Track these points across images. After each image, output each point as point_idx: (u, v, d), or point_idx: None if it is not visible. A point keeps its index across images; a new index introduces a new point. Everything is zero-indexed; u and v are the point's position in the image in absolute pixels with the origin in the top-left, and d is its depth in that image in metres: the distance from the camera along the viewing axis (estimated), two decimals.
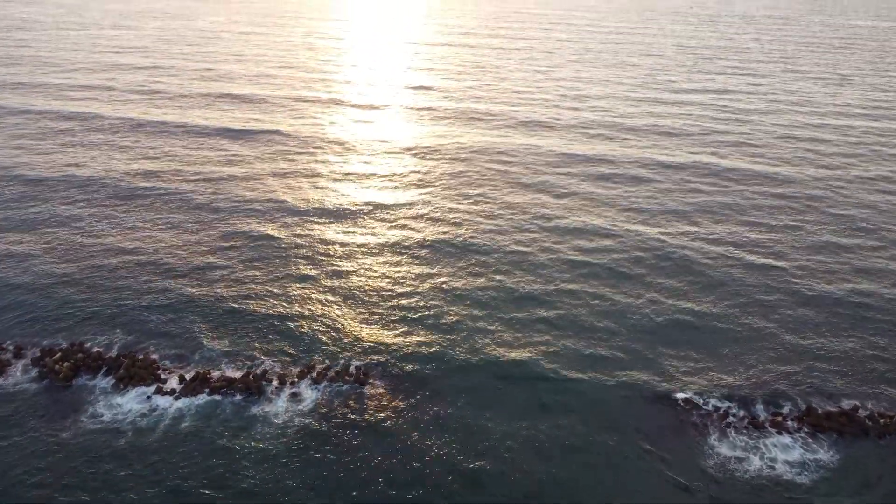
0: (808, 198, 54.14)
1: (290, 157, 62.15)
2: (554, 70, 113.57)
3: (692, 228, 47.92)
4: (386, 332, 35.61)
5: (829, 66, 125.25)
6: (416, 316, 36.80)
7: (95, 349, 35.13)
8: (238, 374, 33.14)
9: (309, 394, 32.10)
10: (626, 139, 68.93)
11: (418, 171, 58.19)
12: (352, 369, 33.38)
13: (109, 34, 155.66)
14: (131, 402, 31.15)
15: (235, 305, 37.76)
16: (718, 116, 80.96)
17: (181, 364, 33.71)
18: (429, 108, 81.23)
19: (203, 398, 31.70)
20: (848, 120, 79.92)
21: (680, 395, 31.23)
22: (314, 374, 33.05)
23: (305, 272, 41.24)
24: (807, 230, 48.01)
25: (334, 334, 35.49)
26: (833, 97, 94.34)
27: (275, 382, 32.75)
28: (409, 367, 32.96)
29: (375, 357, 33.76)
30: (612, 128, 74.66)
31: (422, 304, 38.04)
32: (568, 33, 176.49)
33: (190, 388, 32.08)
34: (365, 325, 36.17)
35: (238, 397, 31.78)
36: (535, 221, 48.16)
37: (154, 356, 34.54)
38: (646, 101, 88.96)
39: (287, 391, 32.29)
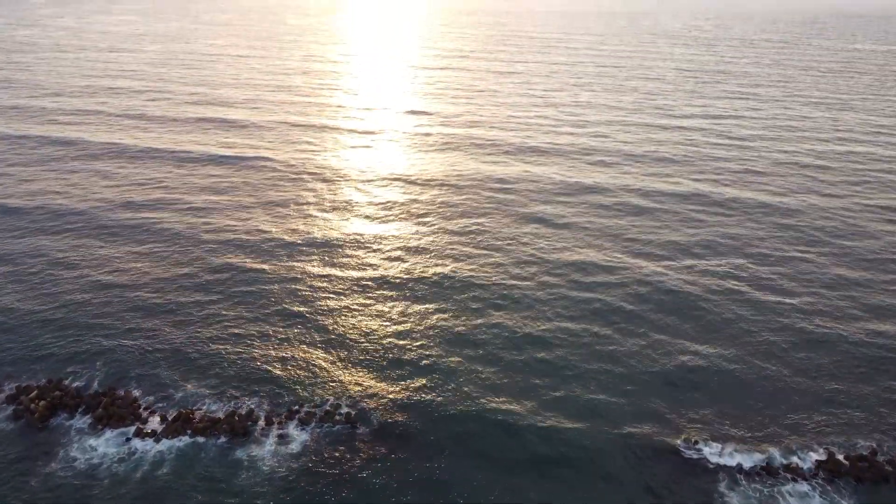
0: (813, 228, 52.77)
1: (281, 185, 60.80)
2: (552, 94, 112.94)
3: (695, 262, 46.44)
4: (377, 373, 34.02)
5: (829, 90, 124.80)
6: (408, 356, 35.20)
7: (76, 384, 33.56)
8: (223, 415, 31.49)
9: (297, 435, 30.43)
10: (625, 167, 67.74)
11: (412, 201, 56.75)
12: (341, 410, 31.72)
13: (107, 57, 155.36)
14: (109, 444, 29.45)
15: (221, 342, 36.18)
16: (719, 142, 79.94)
17: (164, 402, 32.08)
18: (425, 134, 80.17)
19: (185, 440, 30.03)
20: (851, 146, 78.90)
21: (686, 445, 29.54)
22: (302, 415, 31.39)
23: (293, 308, 39.70)
24: (814, 263, 46.54)
25: (323, 373, 33.88)
26: (835, 122, 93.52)
27: (261, 423, 31.09)
28: (400, 411, 31.33)
29: (366, 398, 32.14)
30: (612, 154, 73.55)
31: (415, 343, 36.48)
32: (566, 56, 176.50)
33: (172, 430, 30.41)
34: (355, 365, 34.58)
35: (222, 439, 30.10)
36: (533, 254, 46.70)
37: (136, 393, 32.93)
38: (645, 127, 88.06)
39: (274, 432, 30.62)
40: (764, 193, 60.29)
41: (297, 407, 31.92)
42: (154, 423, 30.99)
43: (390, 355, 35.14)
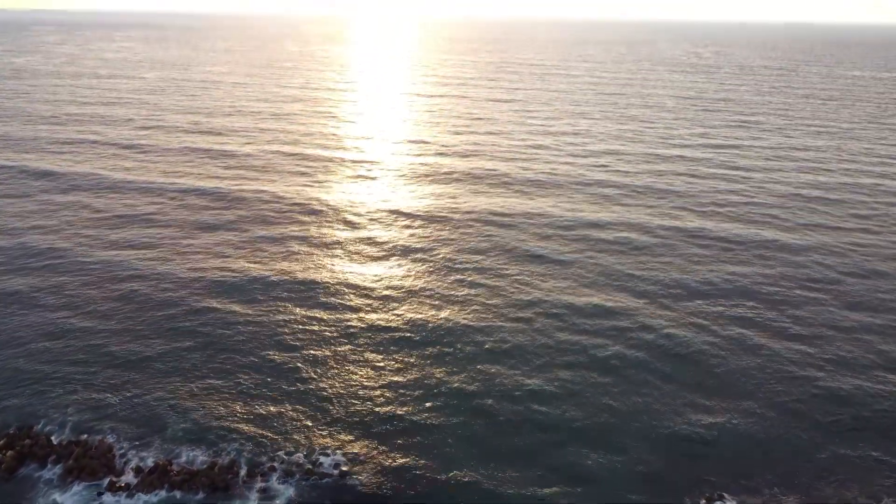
0: (823, 266, 51.13)
1: (270, 219, 59.30)
2: (551, 123, 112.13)
3: (701, 305, 44.72)
4: (364, 426, 32.19)
5: (831, 118, 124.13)
6: (397, 410, 33.34)
7: (48, 428, 31.81)
8: (202, 466, 29.62)
9: (282, 490, 28.52)
10: (626, 200, 66.34)
11: (405, 237, 55.14)
12: (327, 463, 29.84)
13: (105, 84, 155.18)
14: (78, 500, 27.54)
15: (201, 389, 34.38)
16: (721, 173, 78.70)
17: (140, 449, 30.22)
18: (421, 164, 78.96)
19: (161, 495, 28.10)
20: (857, 177, 77.62)
21: None
22: (286, 468, 29.51)
23: (277, 355, 37.95)
24: (827, 306, 44.77)
25: (308, 424, 32.05)
26: (838, 151, 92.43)
27: (243, 474, 29.21)
28: (387, 468, 29.44)
29: (353, 452, 30.26)
30: (611, 186, 72.23)
31: (404, 396, 34.68)
32: (566, 83, 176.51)
33: (147, 483, 28.49)
34: (342, 417, 32.74)
35: (201, 494, 28.19)
36: (530, 296, 44.99)
37: (110, 439, 31.07)
38: (645, 157, 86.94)
39: (257, 486, 28.71)
40: (770, 228, 58.74)
41: (281, 459, 30.05)
42: (129, 475, 29.09)
43: (379, 408, 33.33)
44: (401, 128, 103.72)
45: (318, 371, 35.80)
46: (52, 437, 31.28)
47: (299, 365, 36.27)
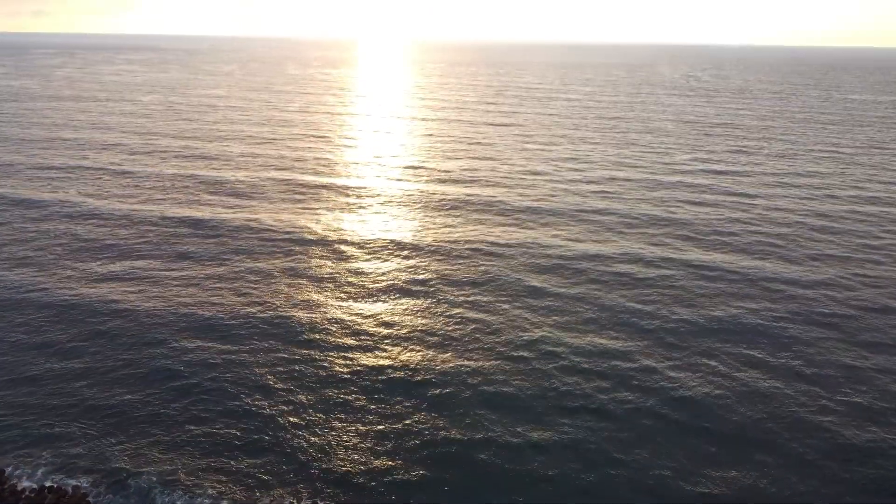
0: (835, 302, 48.91)
1: (258, 252, 57.24)
2: (549, 148, 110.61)
3: (710, 347, 42.45)
4: (350, 484, 29.82)
5: (833, 142, 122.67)
6: (386, 464, 31.00)
7: (17, 473, 29.62)
8: None
9: None
10: (627, 230, 64.26)
11: (398, 271, 52.93)
12: None
13: (102, 108, 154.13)
14: None
15: (180, 435, 32.05)
16: (724, 201, 76.81)
17: (116, 494, 27.97)
18: (417, 192, 77.08)
19: None
20: (863, 205, 75.67)
21: None
22: None
23: (258, 402, 35.65)
24: (842, 347, 42.51)
25: (292, 476, 29.68)
26: (842, 177, 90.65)
27: None
28: None
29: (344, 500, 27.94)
30: (612, 214, 70.31)
31: (394, 448, 32.34)
32: (565, 107, 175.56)
33: None
34: (329, 469, 30.37)
35: None
36: (529, 337, 42.66)
37: (84, 485, 28.79)
38: (646, 183, 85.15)
39: None
40: (775, 260, 56.60)
41: None
42: None
43: (366, 461, 30.96)
44: (396, 153, 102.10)
45: (301, 420, 33.46)
46: (23, 483, 29.10)
47: (283, 411, 33.95)
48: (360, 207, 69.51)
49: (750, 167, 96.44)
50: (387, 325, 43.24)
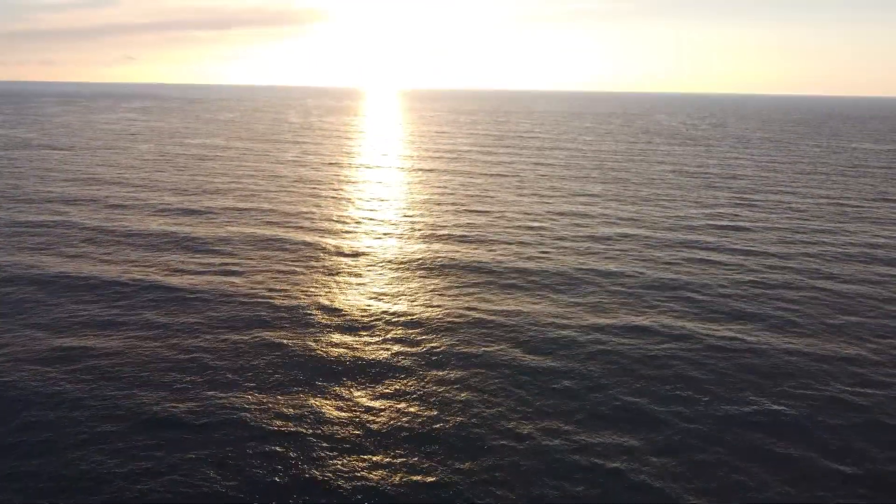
0: (853, 381, 44.73)
1: (234, 325, 53.31)
2: (547, 201, 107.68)
3: (737, 453, 38.24)
4: None
5: (837, 194, 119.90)
6: None
7: None
8: None
9: None
10: (629, 299, 60.06)
11: (378, 353, 48.65)
12: None
13: (97, 158, 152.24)
14: None
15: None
16: (730, 262, 73.08)
17: None
18: (409, 254, 73.41)
19: None
20: (878, 266, 71.91)
21: None
22: None
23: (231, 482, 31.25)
24: (885, 449, 38.26)
25: None
26: (851, 235, 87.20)
27: None
28: None
29: None
30: (610, 276, 66.48)
31: None
32: (564, 157, 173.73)
33: None
34: None
35: None
36: (529, 426, 38.50)
37: None
38: (651, 244, 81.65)
39: None
40: (795, 335, 52.24)
41: None
42: None
43: None
44: (390, 207, 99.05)
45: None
46: None
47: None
48: (345, 273, 65.60)
49: (754, 222, 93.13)
50: (367, 422, 38.92)
